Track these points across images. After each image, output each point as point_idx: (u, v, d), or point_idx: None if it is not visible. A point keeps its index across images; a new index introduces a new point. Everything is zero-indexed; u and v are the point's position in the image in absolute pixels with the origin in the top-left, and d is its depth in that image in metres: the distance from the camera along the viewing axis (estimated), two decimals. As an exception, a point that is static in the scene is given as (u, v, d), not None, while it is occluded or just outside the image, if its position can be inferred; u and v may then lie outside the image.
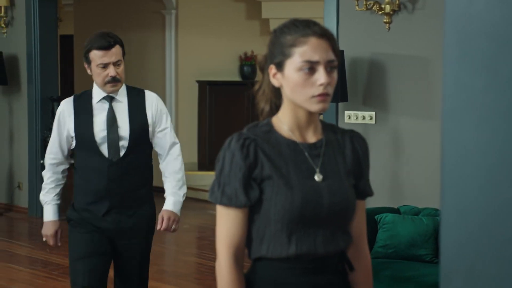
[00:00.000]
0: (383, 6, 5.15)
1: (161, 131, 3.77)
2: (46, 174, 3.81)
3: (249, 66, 10.00)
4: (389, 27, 5.20)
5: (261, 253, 2.09)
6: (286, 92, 2.09)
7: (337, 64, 2.08)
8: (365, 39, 5.36)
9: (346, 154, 2.17)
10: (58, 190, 3.80)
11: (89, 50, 3.63)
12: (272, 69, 2.10)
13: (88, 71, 3.68)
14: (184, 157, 3.91)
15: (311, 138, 2.14)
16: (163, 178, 3.79)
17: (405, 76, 5.21)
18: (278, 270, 2.09)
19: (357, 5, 5.24)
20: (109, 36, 3.62)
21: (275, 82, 2.11)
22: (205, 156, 9.70)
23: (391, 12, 5.15)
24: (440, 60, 4.98)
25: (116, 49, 3.63)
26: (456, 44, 1.26)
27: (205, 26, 9.81)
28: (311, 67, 2.03)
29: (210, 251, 6.49)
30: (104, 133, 3.64)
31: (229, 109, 9.73)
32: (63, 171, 3.82)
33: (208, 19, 9.82)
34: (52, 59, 7.88)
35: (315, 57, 2.03)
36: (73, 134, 3.68)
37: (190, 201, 9.23)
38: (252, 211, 2.09)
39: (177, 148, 3.82)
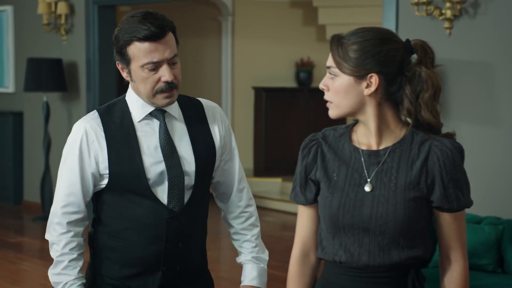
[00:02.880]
0: (443, 11, 5.07)
1: (230, 159, 2.57)
2: (61, 240, 2.41)
3: (305, 72, 9.97)
4: (450, 33, 5.12)
5: (320, 253, 2.17)
6: None
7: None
8: (425, 45, 5.28)
9: (414, 165, 2.05)
10: (81, 262, 2.45)
11: (128, 43, 2.32)
12: None
13: (124, 74, 2.41)
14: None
15: (377, 145, 2.10)
16: (235, 235, 2.64)
17: (466, 82, 5.12)
18: (332, 272, 2.14)
19: (417, 10, 5.17)
20: (157, 19, 2.33)
21: None
22: (261, 163, 9.70)
23: (452, 17, 5.06)
24: (502, 65, 4.88)
25: (170, 38, 2.36)
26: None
27: (261, 32, 9.82)
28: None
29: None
30: (159, 167, 2.39)
31: (285, 115, 9.71)
32: (83, 233, 2.48)
33: (265, 25, 9.83)
34: (110, 66, 7.96)
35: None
36: (105, 171, 2.39)
37: (245, 207, 9.25)
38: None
39: (247, 186, 2.65)
